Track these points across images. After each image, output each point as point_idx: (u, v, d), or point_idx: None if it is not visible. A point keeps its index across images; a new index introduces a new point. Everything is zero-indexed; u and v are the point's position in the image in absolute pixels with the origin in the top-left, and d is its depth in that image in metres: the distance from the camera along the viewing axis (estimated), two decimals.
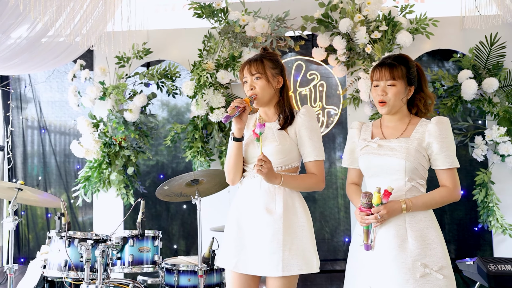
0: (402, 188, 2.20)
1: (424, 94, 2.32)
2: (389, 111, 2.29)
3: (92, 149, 4.27)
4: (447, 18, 4.34)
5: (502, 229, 4.10)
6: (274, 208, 2.29)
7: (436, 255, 2.14)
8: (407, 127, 2.29)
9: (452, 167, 2.23)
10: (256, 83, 2.35)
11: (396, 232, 2.17)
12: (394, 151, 2.24)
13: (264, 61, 2.38)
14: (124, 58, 4.35)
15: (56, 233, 3.21)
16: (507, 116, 4.03)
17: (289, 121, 2.37)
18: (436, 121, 2.23)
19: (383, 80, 2.26)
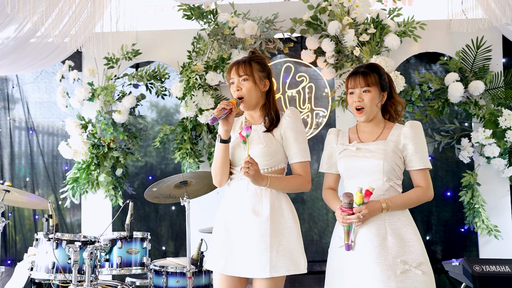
0: (381, 188, 2.33)
1: (394, 100, 2.48)
2: (367, 118, 2.42)
3: (80, 150, 4.25)
4: (434, 21, 4.39)
5: (488, 230, 4.15)
6: (261, 210, 2.32)
7: (414, 252, 2.26)
8: (383, 131, 2.43)
9: (425, 168, 2.37)
10: (243, 84, 2.37)
11: (376, 231, 2.28)
12: (372, 153, 2.36)
13: (252, 63, 2.41)
14: (113, 59, 4.33)
15: (43, 235, 3.19)
16: (492, 119, 4.08)
17: (275, 123, 2.40)
18: (410, 124, 2.39)
19: (358, 88, 2.40)
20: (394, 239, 2.27)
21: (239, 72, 2.39)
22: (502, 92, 4.22)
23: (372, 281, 2.23)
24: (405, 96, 4.19)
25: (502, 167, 4.11)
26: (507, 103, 4.20)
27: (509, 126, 3.99)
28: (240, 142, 2.38)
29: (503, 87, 4.25)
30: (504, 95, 4.21)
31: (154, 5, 4.78)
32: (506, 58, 4.46)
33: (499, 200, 4.26)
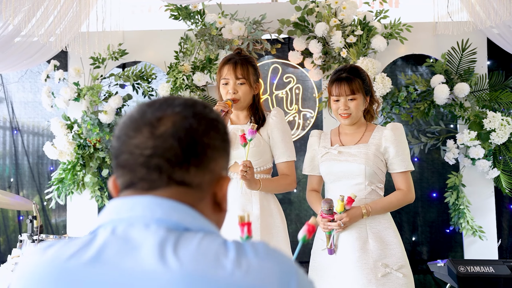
0: (363, 192, 2.35)
1: (373, 99, 2.50)
2: (352, 122, 2.43)
3: (65, 150, 4.21)
4: (420, 24, 4.43)
5: (473, 231, 4.19)
6: (251, 209, 2.34)
7: (395, 255, 2.29)
8: (364, 134, 2.44)
9: (407, 170, 2.38)
10: (239, 87, 2.37)
11: (358, 235, 2.31)
12: (354, 156, 2.37)
13: (249, 66, 2.42)
14: (99, 59, 4.30)
15: (27, 236, 3.15)
16: (477, 121, 4.12)
17: (261, 123, 2.42)
18: (391, 127, 2.41)
19: (343, 96, 2.38)
20: (375, 242, 2.29)
21: (237, 74, 2.37)
22: (487, 94, 4.26)
23: (354, 284, 2.25)
24: (391, 98, 4.21)
25: (486, 169, 4.16)
26: (492, 105, 4.24)
27: (493, 128, 4.03)
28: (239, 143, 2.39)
29: (487, 89, 4.29)
30: (488, 97, 4.25)
31: (141, 5, 4.76)
32: (491, 61, 4.51)
33: (483, 201, 4.30)
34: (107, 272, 0.79)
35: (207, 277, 0.76)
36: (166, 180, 0.85)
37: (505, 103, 4.23)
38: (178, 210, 0.84)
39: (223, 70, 2.42)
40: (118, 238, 0.82)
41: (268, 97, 4.53)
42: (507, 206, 4.50)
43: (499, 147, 4.19)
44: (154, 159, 0.85)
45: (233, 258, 0.78)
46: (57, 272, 0.81)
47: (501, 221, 4.46)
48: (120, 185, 0.89)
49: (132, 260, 0.79)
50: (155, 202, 0.84)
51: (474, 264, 2.95)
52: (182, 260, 0.78)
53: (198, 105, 0.90)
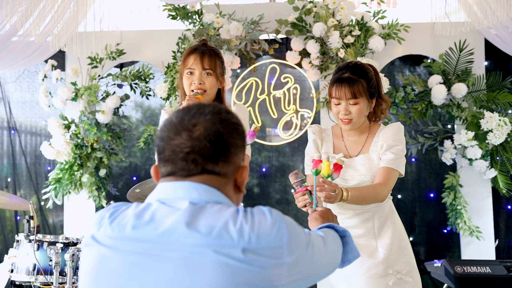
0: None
1: (381, 100, 2.26)
2: (353, 128, 2.24)
3: (63, 150, 4.20)
4: (418, 24, 4.43)
5: (470, 231, 4.20)
6: None
7: (403, 258, 2.21)
8: (366, 140, 2.26)
9: (390, 167, 2.14)
10: (206, 78, 2.24)
11: (367, 244, 2.20)
12: (358, 171, 2.22)
13: (216, 58, 2.29)
14: (97, 59, 4.29)
15: (24, 236, 3.15)
16: (474, 121, 4.13)
17: None
18: (388, 126, 2.24)
19: (344, 100, 2.16)
20: (384, 250, 2.18)
21: (204, 64, 2.24)
22: (484, 94, 4.27)
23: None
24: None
25: (484, 169, 4.16)
26: (489, 106, 4.25)
27: (490, 128, 4.04)
28: None
29: (485, 90, 4.30)
30: (486, 98, 4.26)
31: (139, 5, 4.75)
32: (488, 61, 4.52)
33: (481, 201, 4.31)
34: (156, 226, 1.09)
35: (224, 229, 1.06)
36: (200, 170, 1.14)
37: (502, 104, 4.24)
38: (208, 191, 1.14)
39: (189, 59, 2.26)
40: (166, 206, 1.12)
41: (266, 97, 4.53)
42: (504, 207, 4.51)
43: (496, 148, 4.19)
44: (191, 155, 1.14)
45: (241, 217, 1.09)
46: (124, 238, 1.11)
47: (498, 221, 4.47)
48: (162, 173, 1.18)
49: (171, 218, 1.09)
50: (192, 185, 1.14)
51: (471, 265, 2.95)
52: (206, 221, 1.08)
53: (223, 112, 1.19)
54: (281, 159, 4.72)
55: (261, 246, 1.06)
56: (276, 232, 1.08)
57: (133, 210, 1.14)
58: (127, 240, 1.10)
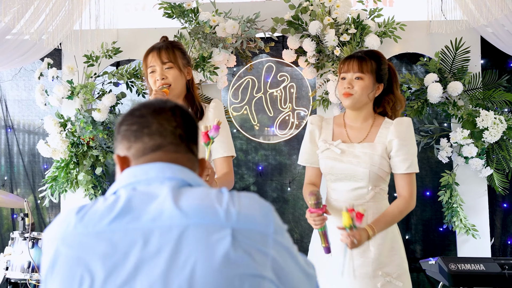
0: (365, 196, 2.19)
1: (393, 96, 2.24)
2: (353, 104, 2.19)
3: (59, 148, 4.21)
4: (414, 22, 4.43)
5: (466, 229, 4.20)
6: None
7: (395, 261, 2.17)
8: (371, 129, 2.22)
9: (409, 172, 2.14)
10: (167, 72, 2.20)
11: None
12: (358, 158, 2.17)
13: (174, 50, 2.25)
14: (93, 57, 4.30)
15: (19, 234, 3.16)
16: (470, 119, 4.13)
17: (199, 115, 2.26)
18: (397, 121, 2.19)
19: (350, 72, 2.17)
20: (377, 250, 2.15)
21: (163, 58, 2.20)
22: (481, 93, 4.27)
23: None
24: None
25: (480, 167, 4.16)
26: (485, 104, 4.25)
27: (486, 126, 4.04)
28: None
29: (481, 88, 4.30)
30: (482, 96, 4.26)
31: (136, 3, 4.75)
32: (485, 60, 4.51)
33: (477, 199, 4.30)
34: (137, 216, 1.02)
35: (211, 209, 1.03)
36: (185, 148, 1.15)
37: (498, 102, 4.24)
38: (182, 171, 1.12)
39: (148, 59, 2.24)
40: (140, 193, 1.06)
41: (262, 96, 4.53)
42: (500, 205, 4.51)
43: (492, 146, 4.19)
44: (178, 130, 1.14)
45: (227, 198, 1.06)
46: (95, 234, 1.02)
47: (494, 219, 4.47)
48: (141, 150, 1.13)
49: (155, 204, 1.03)
50: (165, 166, 1.11)
51: (465, 262, 2.96)
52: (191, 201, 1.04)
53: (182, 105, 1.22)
54: (278, 157, 4.73)
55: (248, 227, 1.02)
56: (263, 217, 1.05)
57: (102, 204, 1.06)
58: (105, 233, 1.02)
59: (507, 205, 4.52)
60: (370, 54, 2.22)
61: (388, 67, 2.27)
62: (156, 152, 1.13)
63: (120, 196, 1.07)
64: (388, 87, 2.24)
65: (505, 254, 4.48)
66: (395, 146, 2.15)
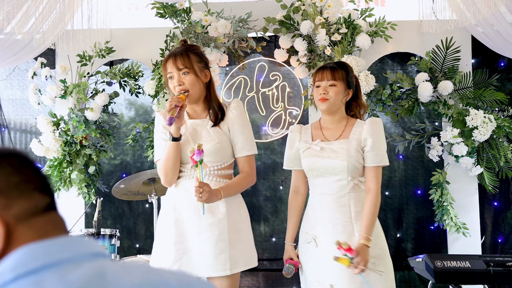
0: (346, 187, 2.39)
1: (359, 102, 2.55)
2: (329, 108, 2.44)
3: (52, 147, 4.24)
4: (406, 22, 4.46)
5: (456, 227, 4.22)
6: (217, 208, 2.27)
7: (377, 245, 2.35)
8: (345, 128, 2.48)
9: (379, 165, 2.40)
10: (184, 78, 2.27)
11: (343, 229, 2.34)
12: (336, 153, 2.40)
13: (189, 54, 2.31)
14: (86, 57, 4.33)
15: None
16: (460, 118, 4.15)
17: (220, 116, 2.33)
18: (370, 121, 2.46)
19: (324, 80, 2.45)
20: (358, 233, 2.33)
21: (178, 65, 2.27)
22: (471, 92, 4.29)
23: (336, 277, 2.29)
24: (375, 95, 4.24)
25: (470, 166, 4.19)
26: (475, 103, 4.27)
27: (475, 125, 4.06)
28: (187, 138, 2.31)
29: (472, 87, 4.32)
30: (472, 95, 4.28)
31: (129, 3, 4.78)
32: (475, 59, 4.54)
33: (467, 198, 4.33)
34: None
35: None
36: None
37: (488, 101, 4.26)
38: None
39: (167, 65, 2.32)
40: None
41: (254, 95, 4.56)
42: (490, 203, 4.54)
43: (482, 145, 4.22)
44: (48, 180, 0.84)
45: None
46: None
47: (484, 218, 4.50)
48: (28, 211, 0.77)
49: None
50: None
51: (451, 259, 2.98)
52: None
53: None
54: (271, 156, 4.76)
55: None
56: None
57: None
58: None
59: (498, 203, 4.55)
60: (340, 65, 2.53)
61: (354, 77, 2.56)
62: (46, 215, 0.82)
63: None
64: (355, 94, 2.54)
65: (495, 252, 4.51)
66: (369, 143, 2.40)
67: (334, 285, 2.30)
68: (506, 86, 4.60)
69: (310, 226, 2.44)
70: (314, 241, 2.39)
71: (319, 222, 2.41)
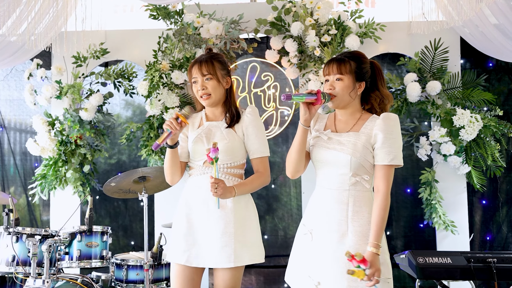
0: (347, 183, 2.27)
1: (379, 93, 2.34)
2: (337, 105, 2.34)
3: (47, 147, 4.33)
4: (395, 23, 4.52)
5: (445, 225, 4.29)
6: (224, 202, 2.46)
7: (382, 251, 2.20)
8: (357, 122, 2.33)
9: (391, 164, 2.21)
10: (207, 83, 2.50)
11: (337, 227, 2.25)
12: (342, 145, 2.29)
13: (214, 62, 2.53)
14: (81, 58, 4.41)
15: (4, 228, 3.27)
16: (448, 118, 4.22)
17: (236, 119, 2.54)
18: (384, 116, 2.27)
19: (331, 75, 2.32)
20: (354, 236, 2.21)
21: (203, 71, 2.50)
22: (459, 92, 4.36)
23: (327, 275, 2.24)
24: None
25: (458, 165, 4.25)
26: (464, 103, 4.34)
27: (462, 125, 4.13)
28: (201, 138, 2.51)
29: (460, 87, 4.38)
30: (461, 95, 4.35)
31: (124, 5, 4.86)
32: (464, 60, 4.61)
33: (456, 196, 4.39)
34: None
35: None
36: None
37: (476, 101, 4.32)
38: None
39: (192, 70, 2.54)
40: None
41: (246, 95, 4.63)
42: (479, 201, 4.60)
43: (470, 144, 4.28)
44: None
45: None
46: None
47: (473, 216, 4.56)
48: None
49: None
50: None
51: (433, 256, 3.05)
52: None
53: None
54: None
55: None
56: None
57: None
58: None
59: (486, 202, 4.61)
60: (350, 56, 2.35)
61: (372, 65, 2.37)
62: None
63: None
64: (373, 84, 2.35)
65: (484, 249, 4.57)
66: (380, 139, 2.23)
67: (321, 282, 2.24)
68: (494, 86, 4.67)
69: (308, 218, 2.38)
70: (310, 234, 2.33)
71: (317, 216, 2.32)
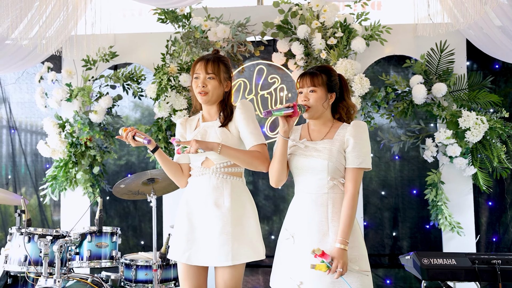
0: (325, 186, 2.42)
1: (346, 103, 2.55)
2: (312, 115, 2.49)
3: (58, 149, 4.41)
4: (401, 26, 4.55)
5: (451, 227, 4.31)
6: (222, 202, 2.50)
7: (353, 247, 2.35)
8: (330, 130, 2.51)
9: (360, 167, 2.40)
10: (209, 81, 2.52)
11: (318, 228, 2.38)
12: (318, 152, 2.45)
13: (219, 63, 2.57)
14: (91, 61, 4.49)
15: (16, 229, 3.35)
16: (454, 120, 4.24)
17: (229, 117, 2.56)
18: (354, 123, 2.48)
19: (305, 87, 2.48)
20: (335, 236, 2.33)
21: (208, 69, 2.52)
22: (465, 94, 4.37)
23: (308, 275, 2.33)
24: (370, 98, 4.34)
25: (464, 166, 4.27)
26: (470, 105, 4.35)
27: (468, 126, 4.15)
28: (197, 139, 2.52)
29: (466, 89, 4.40)
30: (467, 97, 4.36)
31: (132, 9, 4.93)
32: (470, 62, 4.62)
33: (462, 198, 4.41)
34: None
35: None
36: None
37: (482, 103, 4.34)
38: None
39: (196, 66, 2.57)
40: None
41: (253, 97, 4.68)
42: (485, 203, 4.61)
43: (476, 145, 4.30)
44: None
45: None
46: None
47: (479, 217, 4.57)
48: None
49: None
50: None
51: (437, 257, 3.08)
52: None
53: None
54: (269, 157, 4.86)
55: None
56: None
57: None
58: None
59: (493, 203, 4.62)
60: (321, 69, 2.52)
61: (339, 78, 2.57)
62: None
63: None
64: (341, 95, 2.55)
65: (490, 250, 4.58)
66: (351, 144, 2.42)
67: (303, 282, 2.34)
68: (501, 88, 4.68)
69: (289, 223, 2.50)
70: (292, 238, 2.44)
71: (298, 220, 2.45)
